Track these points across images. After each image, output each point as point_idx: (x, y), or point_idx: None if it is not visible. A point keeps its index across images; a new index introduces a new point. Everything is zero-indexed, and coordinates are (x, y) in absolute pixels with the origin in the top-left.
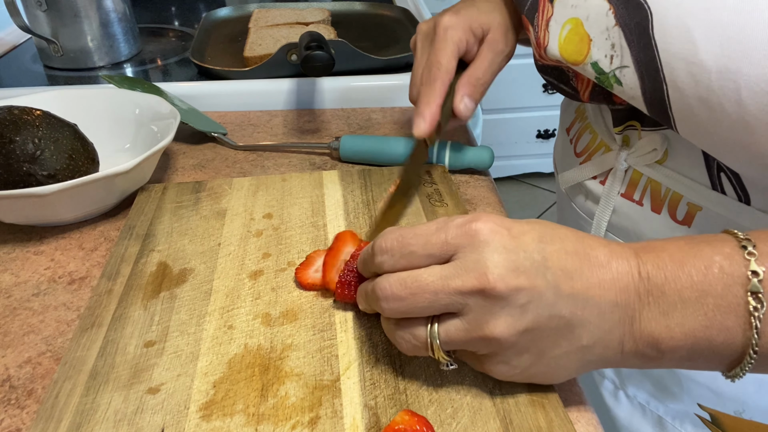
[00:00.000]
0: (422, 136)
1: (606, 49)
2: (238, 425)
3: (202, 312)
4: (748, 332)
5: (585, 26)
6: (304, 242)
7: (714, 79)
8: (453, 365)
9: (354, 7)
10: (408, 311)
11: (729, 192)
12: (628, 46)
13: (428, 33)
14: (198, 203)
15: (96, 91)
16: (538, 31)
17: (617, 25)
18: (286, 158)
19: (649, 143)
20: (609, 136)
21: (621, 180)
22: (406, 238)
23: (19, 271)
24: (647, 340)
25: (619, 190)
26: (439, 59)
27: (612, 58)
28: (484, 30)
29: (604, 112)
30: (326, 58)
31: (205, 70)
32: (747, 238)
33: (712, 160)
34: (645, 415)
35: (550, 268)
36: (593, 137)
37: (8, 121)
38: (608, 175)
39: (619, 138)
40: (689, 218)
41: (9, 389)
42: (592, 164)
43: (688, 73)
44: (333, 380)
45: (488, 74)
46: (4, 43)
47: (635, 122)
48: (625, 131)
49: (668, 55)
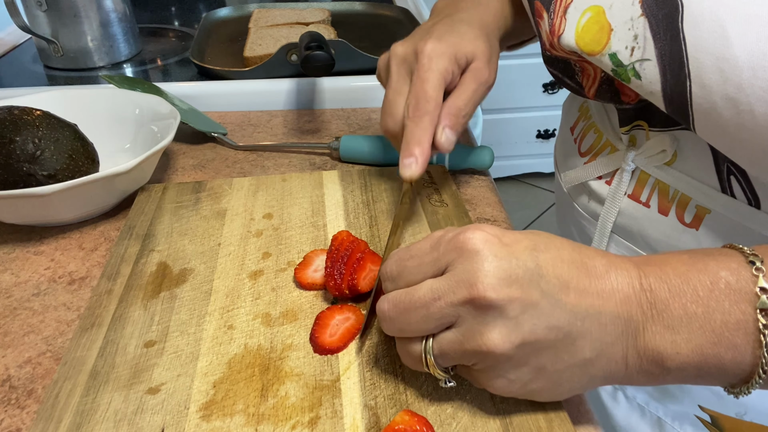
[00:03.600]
0: (413, 179)
1: (628, 41)
2: (238, 425)
3: (202, 312)
4: (757, 350)
5: (607, 15)
6: (304, 242)
7: (746, 77)
8: (451, 382)
9: (354, 7)
10: (403, 329)
11: (739, 195)
12: (652, 38)
13: (406, 58)
14: (198, 203)
15: (96, 91)
16: (554, 19)
17: (643, 16)
18: (286, 158)
19: (657, 144)
20: (615, 136)
21: (628, 181)
22: (402, 260)
23: (19, 271)
24: (652, 355)
25: (626, 191)
26: (426, 91)
27: (633, 49)
28: (468, 59)
29: (610, 112)
30: (326, 58)
31: (205, 70)
32: (754, 254)
33: (722, 162)
34: (644, 416)
35: (545, 277)
36: (598, 137)
37: (8, 121)
38: (614, 176)
39: (625, 138)
40: (697, 221)
41: (9, 389)
42: (597, 164)
43: (717, 69)
44: (333, 380)
45: (470, 105)
46: (4, 43)
47: (643, 122)
48: (632, 131)
49: (696, 49)
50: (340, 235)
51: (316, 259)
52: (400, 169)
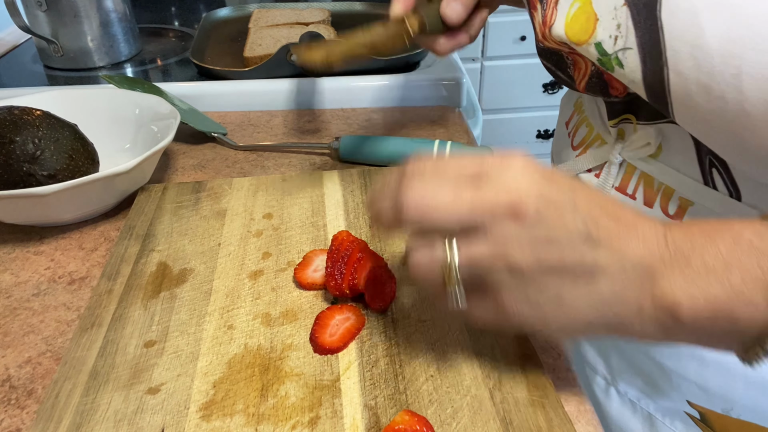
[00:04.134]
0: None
1: (611, 30)
2: (238, 425)
3: (202, 312)
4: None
5: (594, 5)
6: (304, 242)
7: (716, 63)
8: (463, 299)
9: (354, 7)
10: (433, 220)
11: (720, 187)
12: (633, 27)
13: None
14: (198, 203)
15: (96, 91)
16: (546, 9)
17: (625, 5)
18: (286, 158)
19: (643, 137)
20: (604, 129)
21: (615, 173)
22: (440, 163)
23: (19, 271)
24: (667, 304)
25: (614, 183)
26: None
27: (616, 38)
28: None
29: (600, 105)
30: None
31: (205, 70)
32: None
33: (705, 155)
34: (635, 413)
35: (579, 212)
36: (589, 130)
37: (8, 121)
38: (602, 168)
39: (614, 131)
40: (681, 213)
41: (9, 389)
42: (587, 157)
43: (691, 56)
44: (333, 380)
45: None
46: (4, 43)
47: (630, 116)
48: (620, 124)
49: (673, 37)
50: (341, 235)
51: (315, 259)
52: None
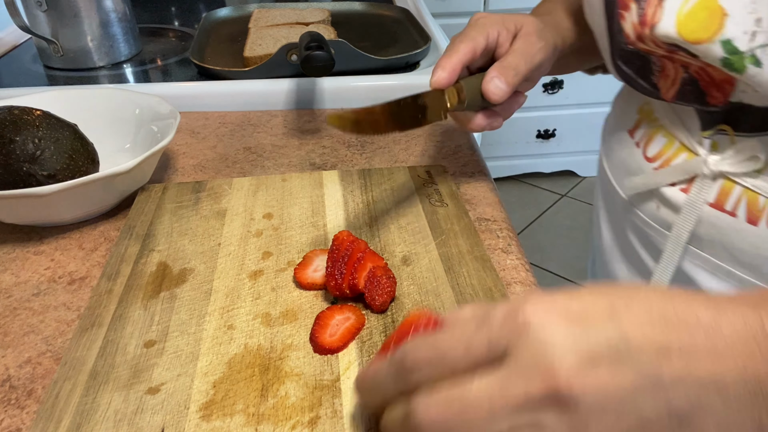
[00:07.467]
0: (439, 85)
1: (747, 25)
2: (238, 425)
3: (202, 312)
4: None
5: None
6: (304, 242)
7: None
8: None
9: (354, 7)
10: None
11: None
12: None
13: None
14: (198, 203)
15: (96, 91)
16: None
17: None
18: (286, 158)
19: (746, 149)
20: (693, 141)
21: (709, 188)
22: (442, 345)
23: (19, 271)
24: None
25: (707, 199)
26: (466, 33)
27: (755, 34)
28: (517, 26)
29: (683, 114)
30: (326, 58)
31: (205, 70)
32: None
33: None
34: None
35: (635, 348)
36: (669, 141)
37: (8, 121)
38: (692, 183)
39: (707, 143)
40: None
41: (9, 389)
42: (670, 170)
43: None
44: (333, 380)
45: (521, 61)
46: (4, 43)
47: (727, 126)
48: (714, 136)
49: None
50: (341, 235)
51: (316, 259)
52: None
